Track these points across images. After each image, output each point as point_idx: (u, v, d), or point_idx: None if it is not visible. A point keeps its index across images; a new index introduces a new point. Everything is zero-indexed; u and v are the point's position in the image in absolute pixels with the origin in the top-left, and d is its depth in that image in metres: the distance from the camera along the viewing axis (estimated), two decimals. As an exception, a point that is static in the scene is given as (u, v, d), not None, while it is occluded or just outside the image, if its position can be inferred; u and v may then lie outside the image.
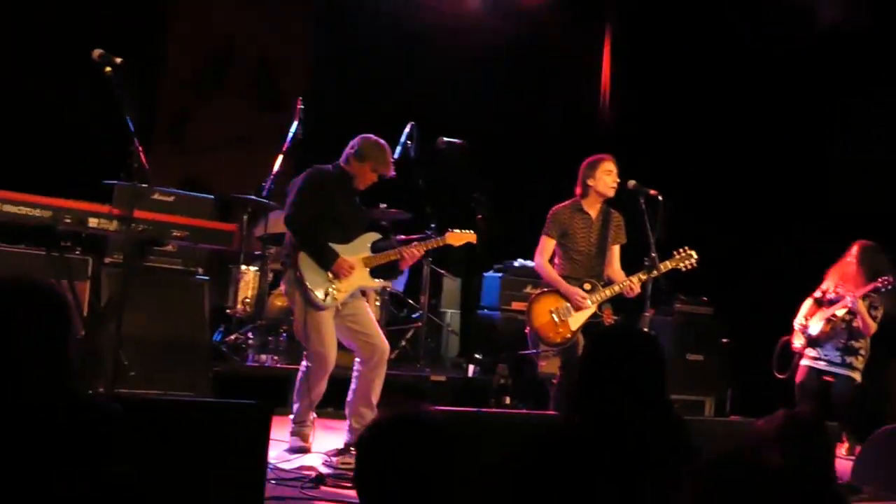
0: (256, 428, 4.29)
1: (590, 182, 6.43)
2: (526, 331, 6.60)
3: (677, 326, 8.89)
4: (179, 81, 9.57)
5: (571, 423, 2.90)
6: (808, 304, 7.53)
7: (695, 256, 6.47)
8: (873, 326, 7.21)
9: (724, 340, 9.10)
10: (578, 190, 6.49)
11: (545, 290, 6.48)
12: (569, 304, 6.35)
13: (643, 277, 6.27)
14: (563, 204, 6.52)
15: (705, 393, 8.85)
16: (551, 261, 6.54)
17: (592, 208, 6.48)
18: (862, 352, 7.24)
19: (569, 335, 6.32)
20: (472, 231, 6.52)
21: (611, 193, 6.42)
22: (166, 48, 9.46)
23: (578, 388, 2.98)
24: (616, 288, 6.35)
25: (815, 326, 7.32)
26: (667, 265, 6.42)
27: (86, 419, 2.30)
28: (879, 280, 7.10)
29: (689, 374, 8.61)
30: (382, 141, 6.12)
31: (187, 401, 5.77)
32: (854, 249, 7.38)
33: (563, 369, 6.40)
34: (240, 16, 9.73)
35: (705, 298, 9.38)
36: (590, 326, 6.34)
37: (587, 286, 6.37)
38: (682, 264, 6.47)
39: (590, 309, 6.33)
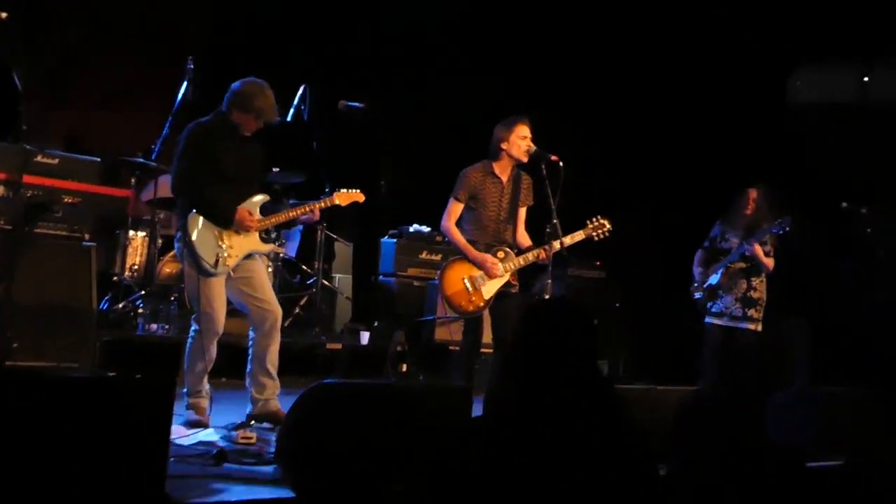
0: (159, 404, 4.09)
1: (503, 146, 6.22)
2: (438, 298, 6.45)
3: (570, 291, 8.90)
4: (59, 32, 9.08)
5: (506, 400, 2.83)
6: (699, 254, 7.61)
7: (608, 226, 6.38)
8: (771, 263, 7.33)
9: (617, 304, 9.17)
10: (491, 151, 6.27)
11: (457, 257, 6.28)
12: (482, 273, 6.19)
13: (557, 246, 6.15)
14: (473, 166, 6.29)
15: (600, 357, 8.87)
16: (458, 223, 6.32)
17: (504, 172, 6.28)
18: (761, 301, 7.37)
19: (482, 304, 6.17)
20: (359, 190, 6.31)
21: (524, 158, 6.20)
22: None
23: (512, 363, 2.89)
24: (530, 256, 6.19)
25: (715, 277, 7.41)
26: (580, 234, 6.33)
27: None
28: (776, 223, 7.19)
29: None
30: (264, 85, 5.83)
31: (81, 376, 5.51)
32: (749, 195, 7.42)
33: (467, 335, 6.31)
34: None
35: (598, 262, 9.43)
36: (501, 295, 6.21)
37: (500, 254, 6.21)
38: (594, 233, 6.38)
39: (503, 277, 6.21)
